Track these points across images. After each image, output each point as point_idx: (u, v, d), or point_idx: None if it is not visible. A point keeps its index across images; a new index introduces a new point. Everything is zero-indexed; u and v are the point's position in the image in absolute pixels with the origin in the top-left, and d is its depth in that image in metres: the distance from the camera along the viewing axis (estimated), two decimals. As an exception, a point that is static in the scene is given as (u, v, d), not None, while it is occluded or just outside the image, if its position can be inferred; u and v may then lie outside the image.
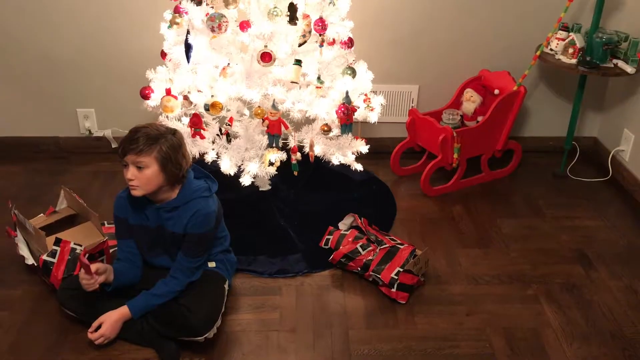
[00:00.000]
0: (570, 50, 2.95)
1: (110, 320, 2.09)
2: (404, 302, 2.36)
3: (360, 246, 2.50)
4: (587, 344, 2.19)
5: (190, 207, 2.10)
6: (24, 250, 2.46)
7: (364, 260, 2.45)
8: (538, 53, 3.02)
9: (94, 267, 2.03)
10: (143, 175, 2.01)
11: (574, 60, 2.95)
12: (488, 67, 3.24)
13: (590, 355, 2.15)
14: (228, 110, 2.59)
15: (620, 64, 2.89)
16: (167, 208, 2.10)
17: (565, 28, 3.01)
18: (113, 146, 3.44)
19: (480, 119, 3.13)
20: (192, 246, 2.13)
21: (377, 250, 2.47)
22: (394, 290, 2.36)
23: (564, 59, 2.98)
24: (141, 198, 2.07)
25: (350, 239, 2.55)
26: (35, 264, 2.39)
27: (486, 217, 2.93)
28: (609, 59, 2.93)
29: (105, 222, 2.67)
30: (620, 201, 3.10)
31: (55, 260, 2.29)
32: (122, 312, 2.10)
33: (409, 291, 2.38)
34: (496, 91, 3.14)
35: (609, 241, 2.77)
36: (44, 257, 2.29)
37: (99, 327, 2.09)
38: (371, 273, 2.42)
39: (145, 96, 2.56)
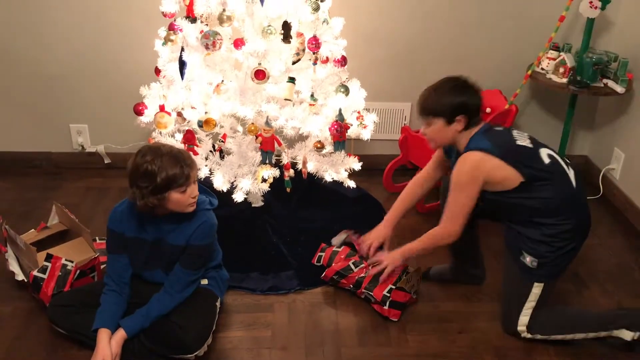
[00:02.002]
0: (561, 70, 2.99)
1: (115, 350, 2.04)
2: (397, 320, 2.36)
3: (353, 263, 2.50)
4: (578, 363, 2.20)
5: (196, 219, 2.11)
6: (14, 266, 2.45)
7: (356, 277, 2.45)
8: (529, 72, 3.06)
9: None
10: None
11: (564, 80, 2.98)
12: (480, 86, 3.26)
13: (582, 374, 2.15)
14: (221, 127, 2.60)
15: (610, 83, 2.93)
16: (172, 220, 2.10)
17: (556, 48, 3.05)
18: (106, 162, 3.44)
19: (472, 136, 3.14)
20: (192, 258, 2.13)
21: (370, 267, 2.47)
22: (386, 307, 2.35)
23: (554, 78, 3.02)
24: (139, 211, 2.06)
25: (342, 256, 2.54)
26: (26, 280, 2.37)
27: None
28: (599, 78, 2.97)
29: (97, 238, 2.65)
30: (611, 219, 3.12)
31: (45, 277, 2.27)
32: (118, 335, 2.07)
33: (402, 309, 2.38)
34: (488, 109, 3.16)
35: (600, 259, 2.78)
36: (35, 273, 2.28)
37: None
38: (363, 290, 2.42)
39: (138, 112, 2.57)
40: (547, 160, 2.15)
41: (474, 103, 2.19)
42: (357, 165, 2.73)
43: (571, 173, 2.20)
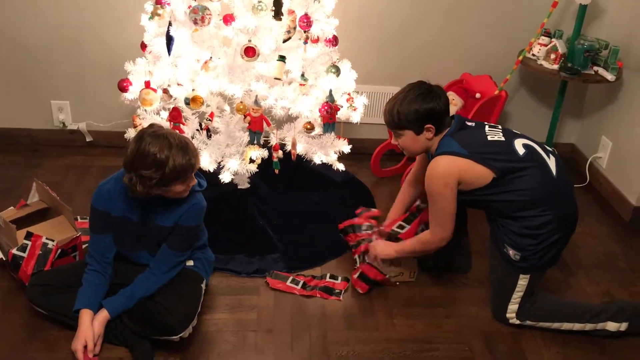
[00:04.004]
0: (552, 56, 2.97)
1: (98, 331, 2.01)
2: (363, 292, 2.37)
3: (367, 226, 2.54)
4: (565, 349, 2.19)
5: (186, 200, 2.06)
6: (-8, 244, 2.38)
7: (358, 239, 2.48)
8: (520, 58, 3.03)
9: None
10: None
11: (555, 66, 2.96)
12: (470, 71, 3.24)
13: (568, 360, 2.16)
14: (208, 106, 2.54)
15: (601, 71, 2.92)
16: (161, 201, 2.03)
17: (548, 34, 3.03)
18: (88, 140, 3.35)
19: (461, 122, 3.12)
20: (180, 239, 2.09)
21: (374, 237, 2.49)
22: (355, 276, 2.38)
23: (545, 64, 3.00)
24: (126, 190, 2.00)
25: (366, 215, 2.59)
26: (4, 259, 2.30)
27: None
28: (590, 66, 2.96)
29: (79, 217, 2.59)
30: (597, 208, 3.12)
31: (25, 255, 2.21)
32: (100, 315, 2.02)
33: (370, 284, 2.38)
34: (477, 95, 3.14)
35: (586, 247, 2.79)
36: (14, 251, 2.21)
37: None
38: (357, 256, 2.47)
39: (123, 89, 2.50)
40: (522, 151, 2.12)
41: (440, 109, 2.12)
42: (346, 148, 2.69)
43: (551, 161, 2.16)
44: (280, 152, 2.55)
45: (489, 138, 2.15)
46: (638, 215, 2.98)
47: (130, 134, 2.59)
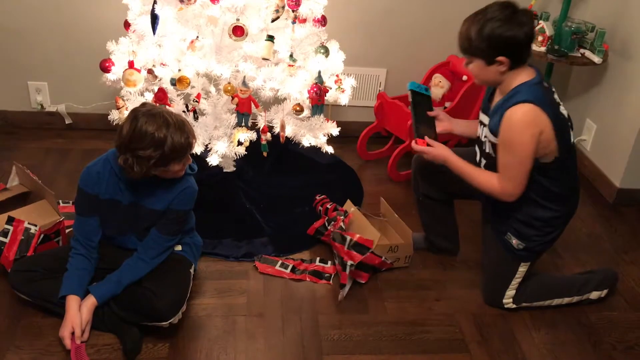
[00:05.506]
0: (540, 38, 2.96)
1: (85, 318, 1.95)
2: (364, 282, 2.34)
3: (327, 220, 2.50)
4: (554, 330, 2.21)
5: (177, 184, 2.01)
6: (-29, 230, 2.30)
7: (330, 232, 2.44)
8: (507, 40, 3.02)
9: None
10: None
11: (543, 48, 2.96)
12: (457, 53, 3.20)
13: (557, 340, 2.17)
14: (193, 87, 2.48)
15: (587, 53, 2.93)
16: (151, 183, 1.98)
17: (535, 16, 3.02)
18: (67, 122, 3.26)
19: (448, 104, 3.11)
20: (171, 223, 2.04)
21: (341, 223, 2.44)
22: (353, 269, 2.33)
23: (533, 46, 2.96)
24: (118, 172, 1.95)
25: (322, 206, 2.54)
26: (-15, 244, 2.23)
27: (453, 203, 2.92)
28: (576, 48, 2.96)
29: (60, 201, 2.52)
30: (581, 190, 3.11)
31: (7, 241, 2.14)
32: (88, 301, 1.97)
33: (370, 271, 2.35)
34: (464, 77, 3.13)
35: (571, 229, 2.78)
36: (-5, 236, 2.15)
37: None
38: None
39: (105, 69, 2.44)
40: (571, 139, 2.02)
41: (519, 39, 1.82)
42: (335, 131, 2.66)
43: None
44: (268, 135, 2.50)
45: (561, 110, 1.96)
46: (621, 197, 3.01)
47: (114, 115, 2.52)
